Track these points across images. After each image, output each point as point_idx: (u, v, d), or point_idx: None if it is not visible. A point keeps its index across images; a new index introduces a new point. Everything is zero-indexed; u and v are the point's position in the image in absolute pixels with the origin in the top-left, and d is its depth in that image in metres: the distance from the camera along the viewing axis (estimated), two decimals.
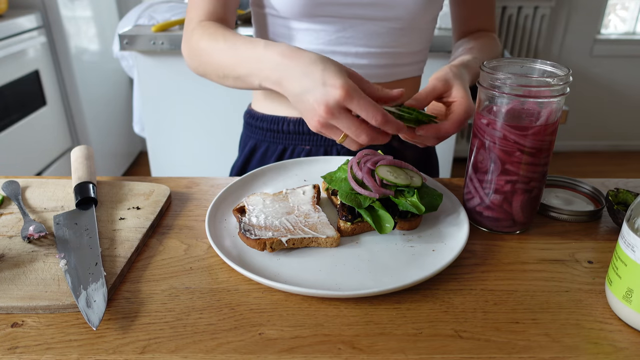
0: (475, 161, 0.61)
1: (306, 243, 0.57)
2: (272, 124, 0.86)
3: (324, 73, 0.54)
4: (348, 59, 0.79)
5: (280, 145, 0.87)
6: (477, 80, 0.59)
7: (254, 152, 0.90)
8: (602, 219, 0.66)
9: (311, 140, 0.85)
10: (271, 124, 0.86)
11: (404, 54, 0.82)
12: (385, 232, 0.57)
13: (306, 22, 0.76)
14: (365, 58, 0.79)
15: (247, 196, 0.65)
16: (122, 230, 0.60)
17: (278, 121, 0.86)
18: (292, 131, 0.85)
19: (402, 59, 0.82)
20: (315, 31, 0.77)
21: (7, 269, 0.53)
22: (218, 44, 0.69)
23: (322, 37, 0.77)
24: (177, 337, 0.45)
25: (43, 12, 2.12)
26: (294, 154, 0.87)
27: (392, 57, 0.81)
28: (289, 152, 0.87)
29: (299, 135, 0.85)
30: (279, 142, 0.87)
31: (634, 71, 2.95)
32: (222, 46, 0.68)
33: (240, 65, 0.66)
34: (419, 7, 0.76)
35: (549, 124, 0.56)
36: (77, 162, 0.70)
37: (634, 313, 0.46)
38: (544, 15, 2.74)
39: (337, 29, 0.77)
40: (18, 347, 0.44)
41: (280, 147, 0.87)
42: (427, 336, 0.46)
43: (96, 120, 2.44)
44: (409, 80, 0.86)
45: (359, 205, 0.58)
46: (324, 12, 0.75)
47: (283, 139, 0.87)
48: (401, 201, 0.58)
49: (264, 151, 0.89)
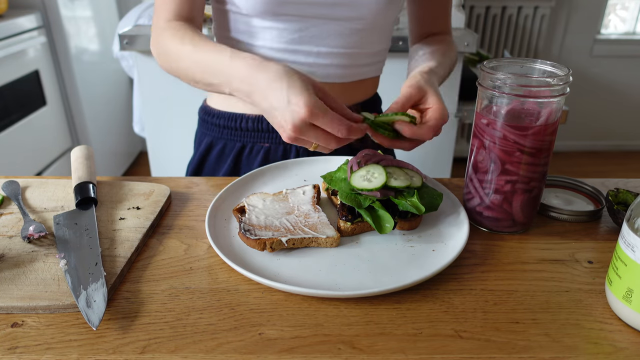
0: (475, 161, 0.61)
1: (306, 243, 0.57)
2: (230, 121, 0.85)
3: (288, 91, 0.55)
4: (310, 58, 0.79)
5: (238, 142, 0.86)
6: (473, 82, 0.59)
7: (210, 150, 0.89)
8: (602, 219, 0.66)
9: (270, 137, 0.85)
10: (228, 121, 0.85)
11: (365, 54, 0.82)
12: (385, 232, 0.57)
13: (268, 21, 0.76)
14: (327, 58, 0.79)
15: (247, 196, 0.65)
16: (122, 230, 0.60)
17: (236, 118, 0.85)
18: (250, 128, 0.84)
19: (363, 60, 0.82)
20: (278, 29, 0.76)
21: (7, 269, 0.53)
22: (187, 50, 0.69)
23: (284, 35, 0.77)
24: (177, 337, 0.45)
25: (43, 12, 2.12)
26: (252, 152, 0.86)
27: (354, 57, 0.80)
28: (247, 150, 0.86)
29: (257, 132, 0.84)
30: (236, 139, 0.86)
31: (634, 71, 2.95)
32: (190, 53, 0.68)
33: (210, 75, 0.66)
34: (380, 7, 0.76)
35: (549, 124, 0.56)
36: (77, 162, 0.70)
37: (634, 313, 0.46)
38: (544, 15, 2.74)
39: (300, 28, 0.76)
40: (18, 347, 0.44)
41: (239, 145, 0.86)
42: (427, 336, 0.46)
43: (96, 120, 2.44)
44: (368, 80, 0.87)
45: (359, 205, 0.58)
46: (286, 10, 0.74)
47: (241, 137, 0.86)
48: (401, 201, 0.58)
49: (221, 149, 0.88)
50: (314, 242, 0.57)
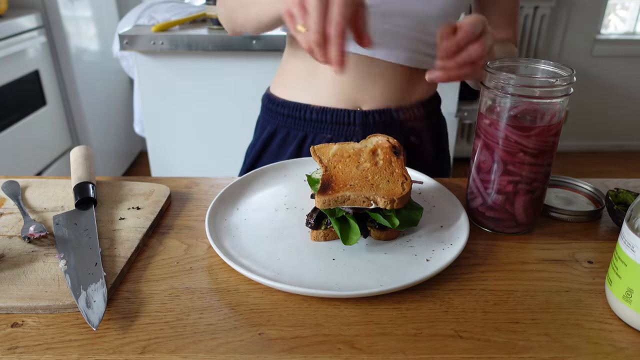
0: (478, 161, 0.61)
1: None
2: (294, 111, 0.87)
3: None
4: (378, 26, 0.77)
5: (301, 132, 0.88)
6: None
7: (273, 137, 0.91)
8: (602, 219, 0.66)
9: (333, 129, 0.86)
10: (293, 110, 0.87)
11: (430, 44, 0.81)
12: (350, 243, 0.56)
13: None
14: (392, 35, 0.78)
15: None
16: (122, 230, 0.60)
17: (300, 108, 0.86)
18: (314, 119, 0.86)
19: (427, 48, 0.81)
20: None
21: (7, 269, 0.53)
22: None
23: None
24: (177, 337, 0.45)
25: (43, 12, 2.12)
26: (314, 142, 0.87)
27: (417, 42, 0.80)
28: (309, 140, 0.88)
29: (321, 124, 0.86)
30: (299, 128, 0.88)
31: (634, 71, 2.95)
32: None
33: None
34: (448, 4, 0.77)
35: (552, 124, 0.55)
36: (77, 163, 0.70)
37: (634, 313, 0.46)
38: (544, 15, 2.74)
39: None
40: (18, 347, 0.44)
41: (302, 134, 0.88)
42: (427, 336, 0.46)
43: (96, 120, 2.44)
44: None
45: (332, 213, 0.57)
46: None
47: (304, 126, 0.87)
48: (377, 215, 0.57)
49: (284, 137, 0.89)
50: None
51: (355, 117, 0.84)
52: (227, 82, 1.75)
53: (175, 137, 1.87)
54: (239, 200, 0.67)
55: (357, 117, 0.84)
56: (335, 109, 0.84)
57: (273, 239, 0.59)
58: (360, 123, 0.84)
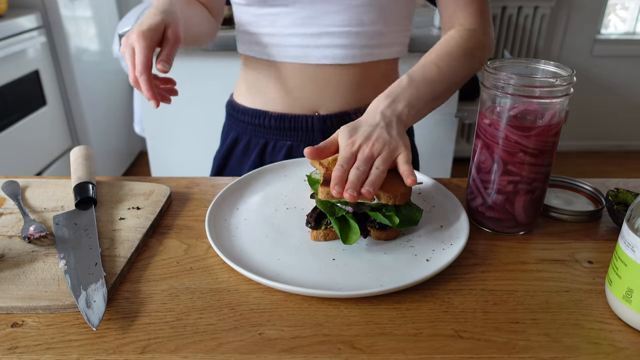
0: (478, 161, 0.61)
1: None
2: (254, 118, 0.87)
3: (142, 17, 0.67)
4: (306, 40, 0.80)
5: (262, 139, 0.88)
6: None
7: (236, 144, 0.92)
8: (602, 219, 0.66)
9: (292, 135, 0.86)
10: (253, 117, 0.88)
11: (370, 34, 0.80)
12: (350, 243, 0.56)
13: (262, 7, 0.80)
14: (324, 38, 0.79)
15: None
16: (122, 230, 0.60)
17: (260, 115, 0.87)
18: (273, 126, 0.86)
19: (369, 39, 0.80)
20: (272, 15, 0.80)
21: (7, 269, 0.53)
22: None
23: (278, 20, 0.79)
24: (177, 337, 0.45)
25: (43, 12, 2.12)
26: (275, 149, 0.88)
27: (354, 36, 0.79)
28: (270, 147, 0.88)
29: (280, 130, 0.86)
30: (260, 135, 0.88)
31: (634, 71, 2.95)
32: None
33: None
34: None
35: (552, 124, 0.55)
36: (77, 163, 0.70)
37: (634, 313, 0.46)
38: (544, 15, 2.73)
39: (293, 11, 0.78)
40: (18, 347, 0.44)
41: (262, 141, 0.88)
42: (427, 336, 0.46)
43: (96, 120, 2.44)
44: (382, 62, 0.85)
45: (332, 213, 0.57)
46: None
47: (265, 133, 0.88)
48: (377, 214, 0.57)
49: (246, 144, 0.90)
50: None
51: (314, 123, 0.85)
52: (227, 82, 1.75)
53: (175, 137, 1.87)
54: (239, 200, 0.67)
55: (315, 122, 0.85)
56: (292, 115, 0.85)
57: (273, 239, 0.59)
58: (319, 128, 0.85)
